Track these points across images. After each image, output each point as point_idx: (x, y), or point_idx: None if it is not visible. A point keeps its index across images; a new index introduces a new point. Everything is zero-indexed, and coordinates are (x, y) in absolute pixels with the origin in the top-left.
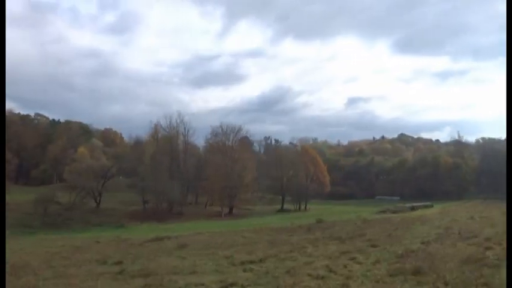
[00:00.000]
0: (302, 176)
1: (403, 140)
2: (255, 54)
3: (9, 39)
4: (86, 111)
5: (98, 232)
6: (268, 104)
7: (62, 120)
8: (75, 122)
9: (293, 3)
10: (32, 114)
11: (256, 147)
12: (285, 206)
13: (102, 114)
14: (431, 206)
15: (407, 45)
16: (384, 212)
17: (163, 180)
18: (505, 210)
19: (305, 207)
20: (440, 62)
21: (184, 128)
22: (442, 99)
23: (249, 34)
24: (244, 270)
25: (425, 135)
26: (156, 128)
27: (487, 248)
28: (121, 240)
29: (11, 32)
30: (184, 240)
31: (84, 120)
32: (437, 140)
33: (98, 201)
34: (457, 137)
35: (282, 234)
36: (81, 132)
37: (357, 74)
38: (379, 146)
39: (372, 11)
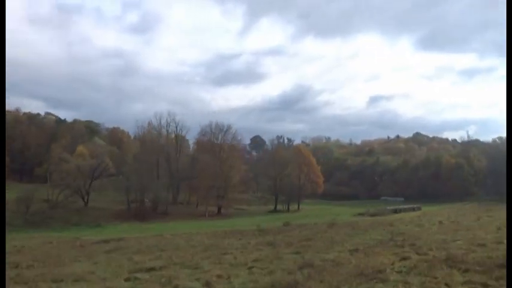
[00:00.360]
0: (294, 177)
1: (418, 139)
2: (276, 52)
3: (36, 41)
4: (110, 110)
5: (74, 231)
6: (289, 103)
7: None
8: (81, 121)
9: (314, 0)
10: (42, 113)
11: (268, 146)
12: (279, 207)
13: (125, 113)
14: (419, 209)
15: (431, 42)
16: (362, 214)
17: (147, 179)
18: (495, 213)
19: (298, 208)
20: (466, 59)
21: (176, 127)
22: (468, 97)
23: (269, 32)
24: (129, 279)
25: (448, 135)
26: (141, 128)
27: (404, 259)
28: (73, 242)
29: (38, 33)
30: (125, 243)
31: (107, 119)
32: (454, 140)
33: (85, 200)
34: (466, 137)
35: (231, 238)
36: (86, 131)
37: (378, 72)
38: (392, 145)
39: (395, 7)
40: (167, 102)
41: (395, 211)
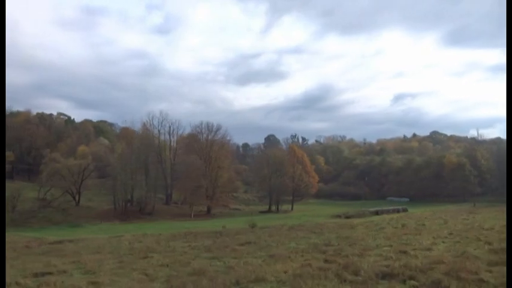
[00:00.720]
0: (288, 177)
1: (435, 138)
2: (298, 50)
3: (64, 43)
4: (134, 110)
5: (47, 231)
6: (312, 101)
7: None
8: (90, 122)
9: None
10: (55, 113)
11: (282, 145)
12: (273, 207)
13: (150, 113)
14: (404, 211)
15: (458, 37)
16: (339, 216)
17: (131, 179)
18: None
19: (291, 208)
20: (495, 55)
21: (170, 127)
22: (497, 94)
23: (291, 30)
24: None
25: (475, 133)
26: (127, 128)
27: (304, 266)
28: (28, 242)
29: (64, 35)
30: (72, 245)
31: (132, 119)
32: (473, 138)
33: (76, 200)
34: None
35: (179, 240)
36: (94, 131)
37: (403, 69)
38: (406, 144)
39: (419, 2)
40: (190, 101)
41: (377, 213)
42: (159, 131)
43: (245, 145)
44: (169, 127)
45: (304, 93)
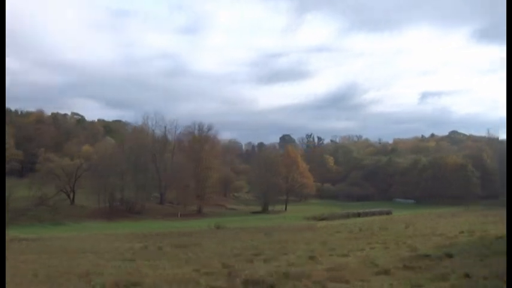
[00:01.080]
0: (281, 178)
1: (453, 137)
2: (322, 49)
3: (93, 44)
4: (162, 110)
5: (26, 229)
6: (337, 100)
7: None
8: (102, 121)
9: None
10: (69, 113)
11: (298, 145)
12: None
13: (176, 113)
14: (389, 213)
15: (488, 33)
16: (312, 218)
17: (121, 179)
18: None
19: (285, 208)
20: None
21: (165, 128)
22: None
23: (316, 28)
24: None
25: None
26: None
27: (194, 271)
28: None
29: (94, 37)
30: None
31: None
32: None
33: (71, 198)
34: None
35: (135, 241)
36: (103, 130)
37: (431, 67)
38: (423, 144)
39: None
40: (216, 101)
41: (359, 215)
42: (153, 130)
43: (260, 144)
44: (165, 127)
45: (329, 92)
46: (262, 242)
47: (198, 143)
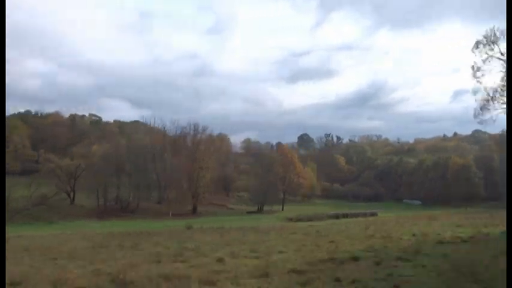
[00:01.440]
0: (276, 178)
1: (477, 136)
2: (349, 47)
3: (122, 46)
4: (188, 109)
5: (18, 227)
6: (361, 99)
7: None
8: (118, 122)
9: None
10: (87, 114)
11: (316, 144)
12: (266, 207)
13: (203, 113)
14: (374, 215)
15: None
16: (290, 219)
17: (117, 179)
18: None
19: (282, 208)
20: None
21: (164, 128)
22: None
23: (342, 26)
24: None
25: None
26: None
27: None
28: None
29: (124, 39)
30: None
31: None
32: None
33: (71, 198)
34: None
35: (92, 241)
36: (118, 131)
37: (462, 64)
38: (443, 143)
39: None
40: (241, 100)
41: (347, 216)
42: (165, 130)
43: (278, 144)
44: (164, 128)
45: (353, 91)
46: (206, 242)
47: (193, 143)
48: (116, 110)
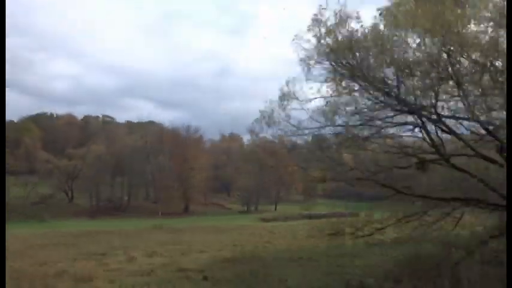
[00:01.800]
0: (271, 178)
1: None
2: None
3: (146, 47)
4: (210, 110)
5: (9, 225)
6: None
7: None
8: (130, 122)
9: None
10: (100, 115)
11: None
12: (259, 207)
13: (224, 113)
14: (356, 215)
15: None
16: (263, 219)
17: (109, 178)
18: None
19: (275, 208)
20: None
21: (162, 129)
22: None
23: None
24: None
25: None
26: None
27: None
28: None
29: (146, 41)
30: None
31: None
32: None
33: (69, 197)
34: None
35: (80, 238)
36: (127, 132)
37: None
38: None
39: None
40: (261, 100)
41: (310, 217)
42: (146, 132)
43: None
44: (162, 128)
45: None
46: (146, 241)
47: (184, 144)
48: (142, 111)
